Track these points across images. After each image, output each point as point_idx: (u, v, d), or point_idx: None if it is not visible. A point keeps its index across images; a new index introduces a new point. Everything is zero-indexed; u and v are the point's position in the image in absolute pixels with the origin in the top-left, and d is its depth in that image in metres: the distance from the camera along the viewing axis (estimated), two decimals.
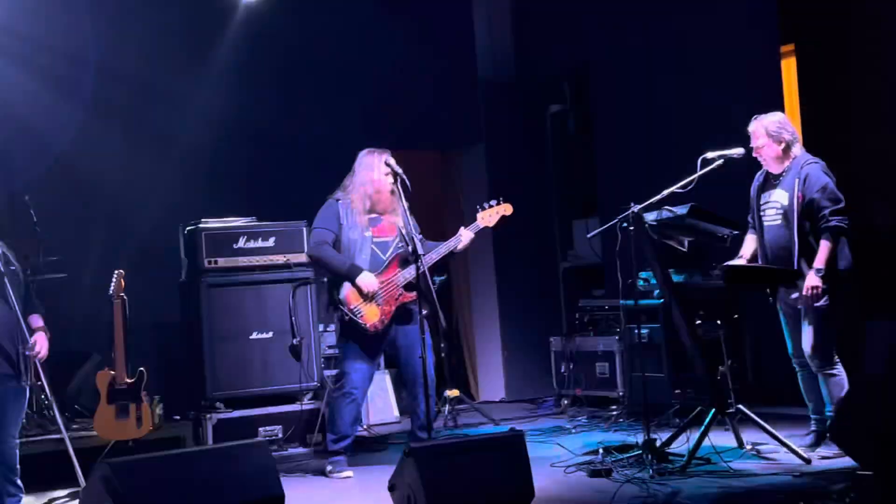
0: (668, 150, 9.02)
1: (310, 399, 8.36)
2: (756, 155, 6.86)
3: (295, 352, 8.28)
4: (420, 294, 6.81)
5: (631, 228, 6.70)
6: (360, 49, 10.43)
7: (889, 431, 5.44)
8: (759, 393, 8.56)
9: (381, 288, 7.12)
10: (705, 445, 6.64)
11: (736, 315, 8.63)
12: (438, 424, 8.38)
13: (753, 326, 8.81)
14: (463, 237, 7.32)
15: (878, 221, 7.99)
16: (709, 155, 6.76)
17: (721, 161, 6.75)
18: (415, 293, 7.00)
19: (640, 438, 6.77)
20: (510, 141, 10.96)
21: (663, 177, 6.92)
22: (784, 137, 6.75)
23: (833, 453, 6.55)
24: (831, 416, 6.63)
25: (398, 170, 6.98)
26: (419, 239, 7.06)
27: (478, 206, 7.47)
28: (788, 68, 8.81)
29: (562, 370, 9.69)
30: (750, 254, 6.99)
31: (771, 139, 6.76)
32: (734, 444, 6.93)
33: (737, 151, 6.79)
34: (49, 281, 8.22)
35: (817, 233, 6.57)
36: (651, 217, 6.78)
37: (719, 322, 7.95)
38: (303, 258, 8.25)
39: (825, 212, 6.52)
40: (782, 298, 6.90)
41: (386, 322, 7.16)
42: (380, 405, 9.33)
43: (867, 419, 5.98)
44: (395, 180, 7.02)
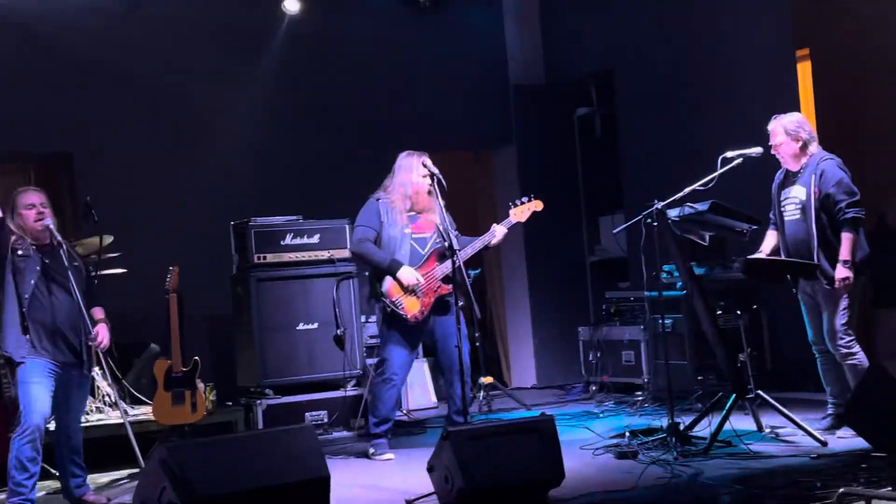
0: (690, 150, 8.96)
1: (353, 386, 8.38)
2: (774, 152, 6.82)
3: (339, 342, 8.30)
4: (456, 286, 6.80)
5: (654, 224, 6.68)
6: (399, 57, 10.45)
7: None
8: (777, 379, 8.52)
9: (421, 281, 7.12)
10: (726, 429, 6.60)
11: (755, 305, 8.59)
12: (473, 409, 8.36)
13: (771, 316, 8.76)
14: (497, 233, 7.31)
15: (890, 220, 7.90)
16: (728, 154, 6.73)
17: (740, 160, 6.71)
18: (451, 286, 7.00)
19: (665, 422, 6.74)
20: (540, 142, 10.94)
21: (685, 175, 6.89)
22: (801, 136, 6.72)
23: (849, 436, 6.50)
24: (847, 401, 6.58)
25: (435, 170, 6.97)
26: (455, 235, 7.05)
27: (510, 203, 7.45)
28: (804, 72, 8.74)
29: (589, 358, 9.67)
30: (769, 250, 6.95)
31: (789, 137, 6.73)
32: (754, 428, 6.88)
33: (755, 151, 6.75)
34: (110, 276, 8.29)
35: (835, 225, 6.53)
36: (674, 213, 6.74)
37: (739, 312, 7.90)
38: (345, 254, 8.27)
39: (841, 205, 6.48)
40: (803, 289, 6.86)
41: (425, 313, 7.16)
42: (418, 391, 9.34)
43: (880, 403, 5.95)
44: (432, 180, 7.02)
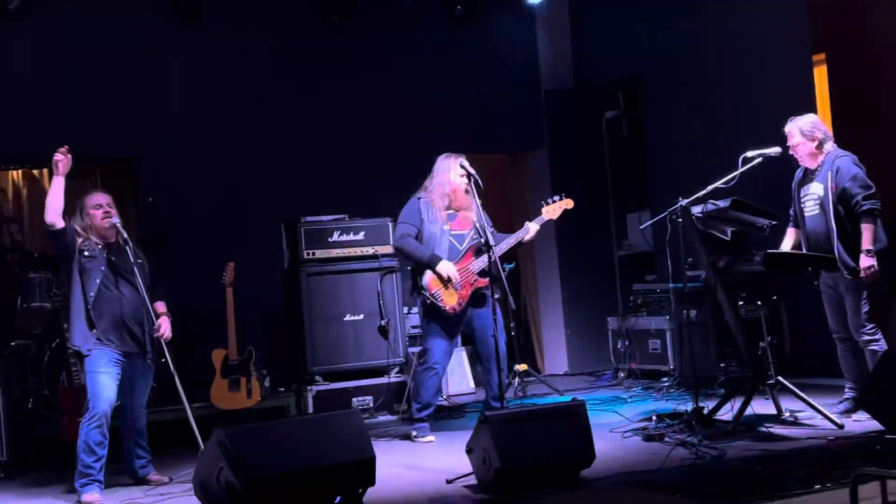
0: (712, 150, 8.91)
1: (396, 373, 8.41)
2: (792, 152, 6.78)
3: (383, 331, 8.33)
4: (492, 279, 6.81)
5: (679, 220, 6.66)
6: (437, 65, 10.45)
7: None
8: (796, 366, 8.45)
9: (459, 274, 7.14)
10: (748, 413, 6.58)
11: (775, 296, 8.53)
12: (509, 395, 8.37)
13: (790, 306, 8.70)
14: (530, 230, 7.30)
15: None
16: (749, 154, 6.70)
17: (760, 159, 6.69)
18: (488, 279, 7.01)
19: (690, 407, 6.73)
20: (570, 144, 10.90)
21: (708, 173, 6.86)
22: (816, 136, 6.68)
23: (865, 419, 6.45)
24: (863, 386, 6.55)
25: (472, 171, 6.98)
26: (491, 231, 7.06)
27: (542, 202, 7.44)
28: (820, 76, 8.67)
29: (618, 346, 9.65)
30: (789, 246, 6.92)
31: (805, 138, 6.69)
32: (774, 412, 6.84)
33: (774, 150, 6.72)
34: (170, 272, 8.36)
35: (852, 218, 6.49)
36: (697, 209, 6.71)
37: (760, 303, 7.85)
38: (389, 250, 8.30)
39: (858, 197, 6.44)
40: (824, 280, 6.83)
41: (463, 305, 7.17)
42: (457, 378, 9.35)
43: (894, 388, 5.90)
44: (469, 180, 7.03)
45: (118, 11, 9.19)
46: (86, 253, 6.20)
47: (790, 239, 6.95)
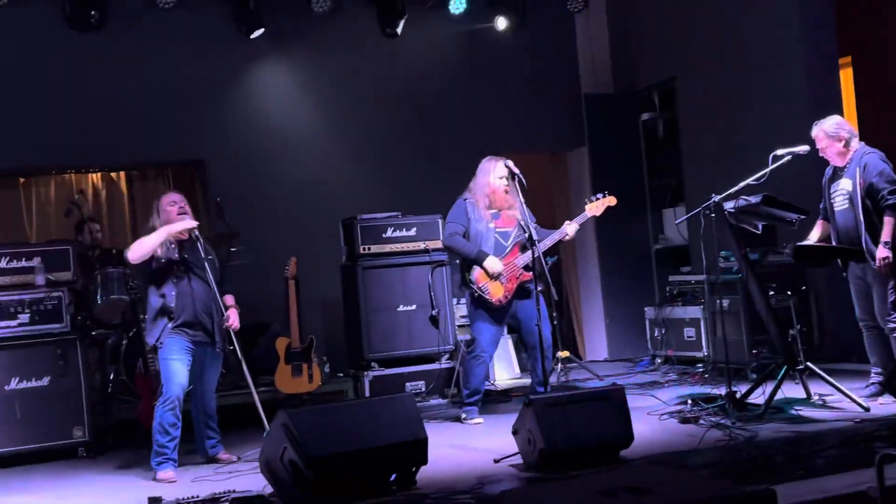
0: (743, 149, 8.83)
1: (446, 359, 8.42)
2: (822, 154, 6.71)
3: (434, 321, 8.34)
4: (536, 274, 6.81)
5: (713, 215, 6.61)
6: (484, 72, 10.45)
7: None
8: (824, 352, 8.37)
9: (504, 269, 7.14)
10: (779, 397, 6.52)
11: (804, 287, 8.45)
12: (552, 380, 8.35)
13: (819, 296, 8.59)
14: (571, 228, 7.24)
15: None
16: (778, 152, 6.64)
17: (789, 157, 6.62)
18: (532, 273, 7.01)
19: (723, 391, 6.68)
20: (608, 144, 10.84)
21: (739, 171, 6.81)
22: (842, 136, 6.60)
23: (890, 402, 6.37)
24: (889, 371, 6.47)
25: (516, 170, 6.97)
26: (534, 227, 7.05)
27: (586, 199, 7.39)
28: (846, 78, 8.56)
29: (655, 334, 9.59)
30: (816, 239, 6.84)
31: (831, 139, 6.61)
32: (803, 396, 6.77)
33: (802, 148, 6.65)
34: (237, 266, 8.44)
35: (879, 212, 6.41)
36: (730, 205, 6.67)
37: (789, 292, 7.79)
38: (439, 244, 8.30)
39: (884, 192, 6.36)
40: (852, 271, 6.75)
41: (508, 297, 7.17)
42: (504, 364, 9.33)
43: None
44: (512, 179, 7.02)
45: (190, 26, 9.31)
46: (159, 251, 6.28)
47: (818, 231, 6.88)
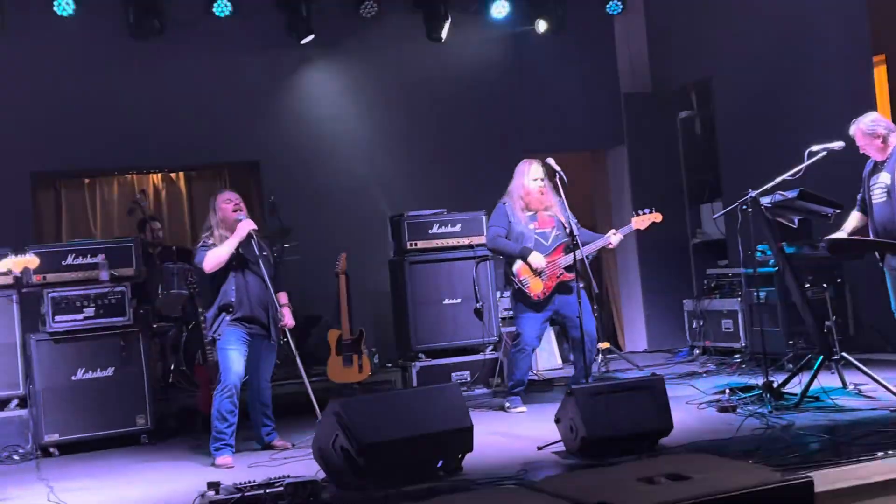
0: (779, 145, 8.72)
1: (490, 350, 8.41)
2: (862, 151, 6.56)
3: (478, 313, 8.34)
4: (578, 275, 6.78)
5: (749, 210, 6.53)
6: (526, 73, 10.42)
7: None
8: (860, 342, 8.24)
9: (547, 266, 7.11)
10: (815, 386, 6.43)
11: (839, 279, 8.33)
12: (593, 370, 8.31)
13: (854, 288, 8.46)
14: (615, 238, 7.17)
15: None
16: (814, 148, 6.53)
17: (825, 153, 6.51)
18: (573, 274, 6.99)
19: (760, 380, 6.60)
20: (647, 142, 10.77)
21: (776, 166, 6.72)
22: (879, 132, 6.44)
23: None
24: None
25: (557, 168, 6.92)
26: (575, 223, 6.99)
27: (633, 212, 7.32)
28: (879, 76, 8.42)
29: (693, 326, 9.51)
30: (850, 229, 6.71)
31: (868, 137, 6.45)
32: (839, 385, 6.67)
33: (837, 144, 6.53)
34: (290, 262, 8.51)
35: None
36: (766, 200, 6.59)
37: (825, 285, 7.69)
38: (483, 240, 8.29)
39: None
40: (888, 263, 6.62)
41: (547, 294, 7.13)
42: (546, 355, 9.31)
43: None
44: (554, 176, 6.97)
45: (245, 33, 9.41)
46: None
47: (852, 222, 6.72)
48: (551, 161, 7.03)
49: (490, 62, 10.30)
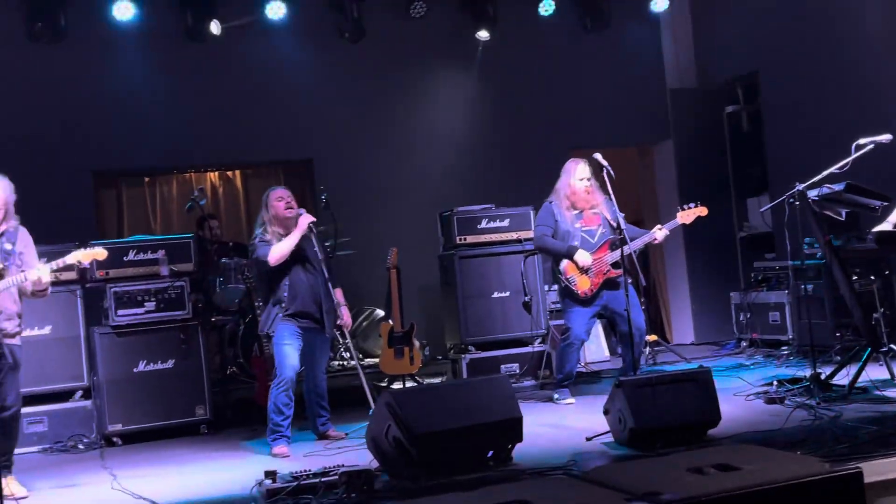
0: (827, 138, 8.57)
1: (539, 343, 8.39)
2: None
3: (526, 306, 8.31)
4: (626, 270, 6.75)
5: (797, 203, 6.44)
6: (572, 69, 10.38)
7: None
8: None
9: (594, 263, 7.08)
10: (862, 378, 6.32)
11: (887, 271, 8.15)
12: (641, 362, 8.25)
13: None
14: (661, 234, 7.11)
15: None
16: (861, 140, 6.42)
17: (872, 145, 6.39)
18: (620, 270, 6.96)
19: (808, 372, 6.52)
20: (693, 136, 10.67)
21: (823, 160, 6.61)
22: None
23: None
24: None
25: (604, 163, 6.85)
26: (622, 219, 6.94)
27: (678, 207, 7.25)
28: None
29: (740, 318, 9.41)
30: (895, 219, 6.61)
31: None
32: (887, 377, 6.56)
33: (885, 137, 6.41)
34: (343, 257, 8.56)
35: None
36: (813, 193, 6.49)
37: (873, 277, 7.55)
38: (531, 234, 8.27)
39: None
40: None
41: (594, 290, 7.10)
42: (594, 348, 9.26)
43: None
44: (601, 171, 6.91)
45: (299, 35, 9.50)
46: (275, 241, 6.34)
47: None
48: (598, 156, 6.97)
49: (537, 59, 10.27)
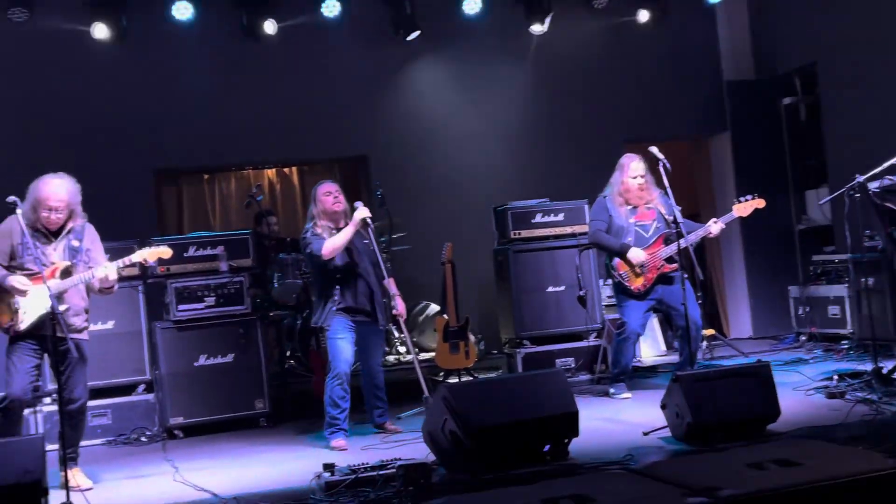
0: (887, 129, 8.40)
1: (594, 337, 8.32)
2: None
3: (581, 301, 8.25)
4: (681, 265, 6.67)
5: (857, 195, 6.31)
6: (628, 63, 10.28)
7: None
8: None
9: (647, 259, 7.00)
10: None
11: None
12: (698, 357, 8.15)
13: None
14: (716, 227, 7.00)
15: None
16: None
17: None
18: (674, 265, 6.88)
19: (869, 367, 6.39)
20: (751, 128, 10.49)
21: (883, 151, 6.47)
22: None
23: None
24: None
25: (661, 156, 6.77)
26: (679, 212, 6.85)
27: (734, 199, 7.14)
28: None
29: (799, 312, 9.24)
30: None
31: None
32: None
33: None
34: (398, 252, 8.58)
35: None
36: (874, 185, 6.36)
37: None
38: (585, 228, 8.20)
39: None
40: None
41: (647, 286, 7.04)
42: (650, 342, 9.17)
43: None
44: (657, 164, 6.83)
45: (353, 32, 9.52)
46: (325, 236, 6.36)
47: None
48: (654, 149, 6.89)
49: (591, 52, 10.19)
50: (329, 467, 5.00)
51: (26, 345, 5.53)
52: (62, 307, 5.35)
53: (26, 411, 6.26)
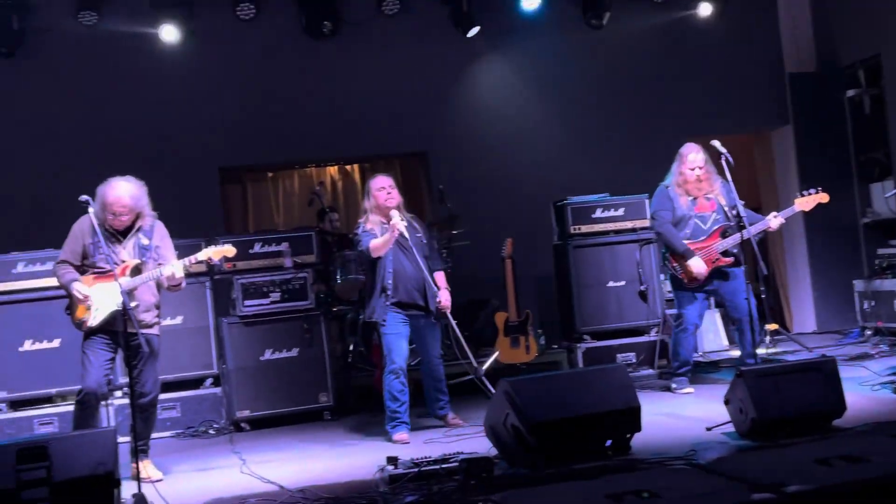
0: None
1: (655, 332, 8.24)
2: None
3: (642, 295, 8.19)
4: (739, 259, 6.57)
5: None
6: (689, 58, 10.17)
7: None
8: None
9: (703, 252, 6.91)
10: None
11: None
12: (761, 352, 8.03)
13: None
14: (776, 222, 6.89)
15: None
16: None
17: None
18: (730, 258, 6.78)
19: None
20: (813, 121, 10.30)
21: None
22: None
23: None
24: None
25: (723, 150, 6.66)
26: (741, 205, 6.75)
27: (797, 193, 7.02)
28: None
29: (864, 307, 9.04)
30: None
31: None
32: None
33: None
34: (459, 248, 8.58)
35: None
36: None
37: None
38: (646, 223, 8.13)
39: None
40: None
41: (701, 280, 6.95)
42: (711, 337, 9.07)
43: None
44: (719, 158, 6.73)
45: (412, 30, 9.57)
46: (377, 231, 6.40)
47: None
48: (716, 143, 6.78)
49: (651, 46, 10.09)
50: (392, 460, 5.03)
51: (100, 339, 5.65)
52: (133, 303, 5.45)
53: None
